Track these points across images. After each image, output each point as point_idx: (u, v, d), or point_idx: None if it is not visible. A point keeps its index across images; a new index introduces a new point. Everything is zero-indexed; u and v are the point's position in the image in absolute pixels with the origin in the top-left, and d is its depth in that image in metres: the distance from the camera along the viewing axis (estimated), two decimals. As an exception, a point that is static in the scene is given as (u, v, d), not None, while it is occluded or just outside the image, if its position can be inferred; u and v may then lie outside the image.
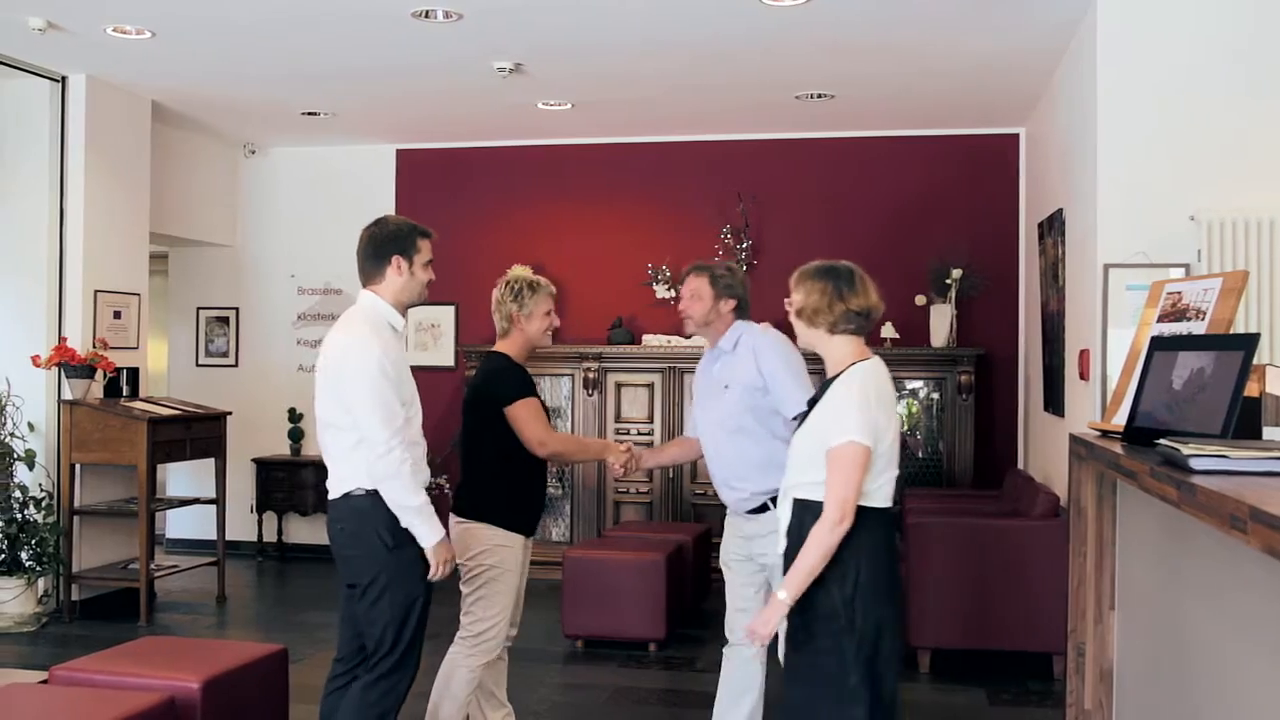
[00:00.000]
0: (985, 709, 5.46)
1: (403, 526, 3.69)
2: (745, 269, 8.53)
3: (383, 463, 3.60)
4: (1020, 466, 8.18)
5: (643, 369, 8.54)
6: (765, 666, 4.31)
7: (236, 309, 9.65)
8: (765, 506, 4.15)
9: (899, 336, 8.19)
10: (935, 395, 8.19)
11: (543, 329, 4.42)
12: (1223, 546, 2.75)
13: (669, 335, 8.59)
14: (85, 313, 7.33)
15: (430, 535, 3.72)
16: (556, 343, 8.86)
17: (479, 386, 4.34)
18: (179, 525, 9.50)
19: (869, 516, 3.20)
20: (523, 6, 5.83)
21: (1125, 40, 5.40)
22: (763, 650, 4.29)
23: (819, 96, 7.53)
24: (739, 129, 8.64)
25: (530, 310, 4.37)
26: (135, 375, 7.61)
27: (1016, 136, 8.44)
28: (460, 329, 9.17)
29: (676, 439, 4.89)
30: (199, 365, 9.67)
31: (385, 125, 8.72)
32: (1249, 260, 5.10)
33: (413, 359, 8.53)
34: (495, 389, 4.27)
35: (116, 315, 7.59)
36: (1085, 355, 5.70)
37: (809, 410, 3.39)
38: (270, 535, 9.44)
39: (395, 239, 3.82)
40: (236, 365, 9.62)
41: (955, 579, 5.91)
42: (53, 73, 7.22)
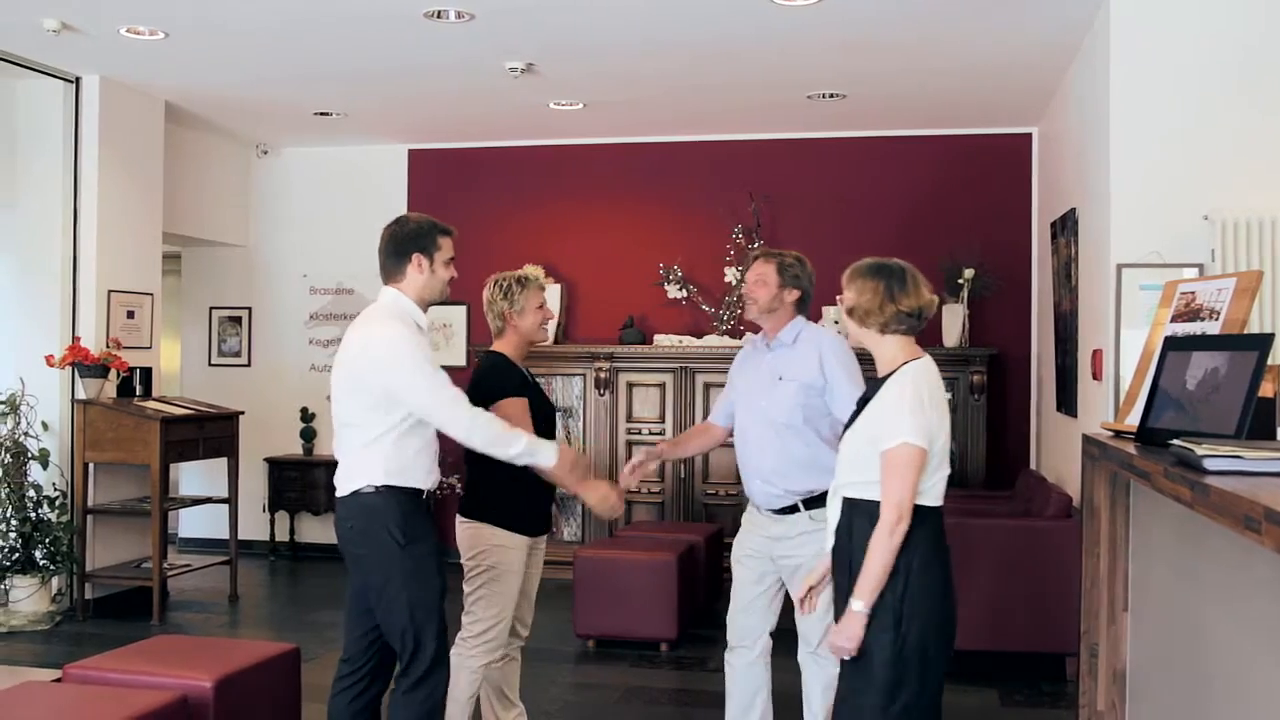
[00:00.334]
0: (997, 710, 5.45)
1: (413, 523, 3.66)
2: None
3: (469, 435, 3.68)
4: (1033, 467, 8.16)
5: (654, 369, 8.54)
6: (770, 665, 4.29)
7: (249, 309, 9.67)
8: (795, 507, 4.12)
9: (911, 336, 8.16)
10: (948, 395, 8.16)
11: (537, 323, 4.36)
12: (1236, 547, 2.74)
13: (681, 335, 8.59)
14: (99, 312, 7.35)
15: (550, 457, 3.84)
16: (568, 342, 8.87)
17: (474, 385, 4.27)
18: (191, 524, 9.53)
19: (921, 515, 3.19)
20: (534, 7, 5.83)
21: (1138, 39, 5.38)
22: (767, 650, 4.28)
23: (831, 96, 7.52)
24: (751, 129, 8.63)
25: (522, 306, 4.32)
26: (148, 375, 7.63)
27: (1029, 136, 8.42)
28: (472, 329, 9.17)
29: (698, 426, 4.76)
30: (211, 365, 9.70)
31: (397, 125, 8.73)
32: (1263, 260, 5.07)
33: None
34: (487, 386, 4.23)
35: (130, 315, 7.62)
36: (1098, 355, 5.69)
37: (858, 409, 3.38)
38: (282, 534, 9.47)
39: (416, 237, 3.81)
40: (249, 365, 9.65)
41: (967, 579, 5.87)
42: (66, 73, 7.25)
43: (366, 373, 3.65)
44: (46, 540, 6.95)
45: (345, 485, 3.72)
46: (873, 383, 3.39)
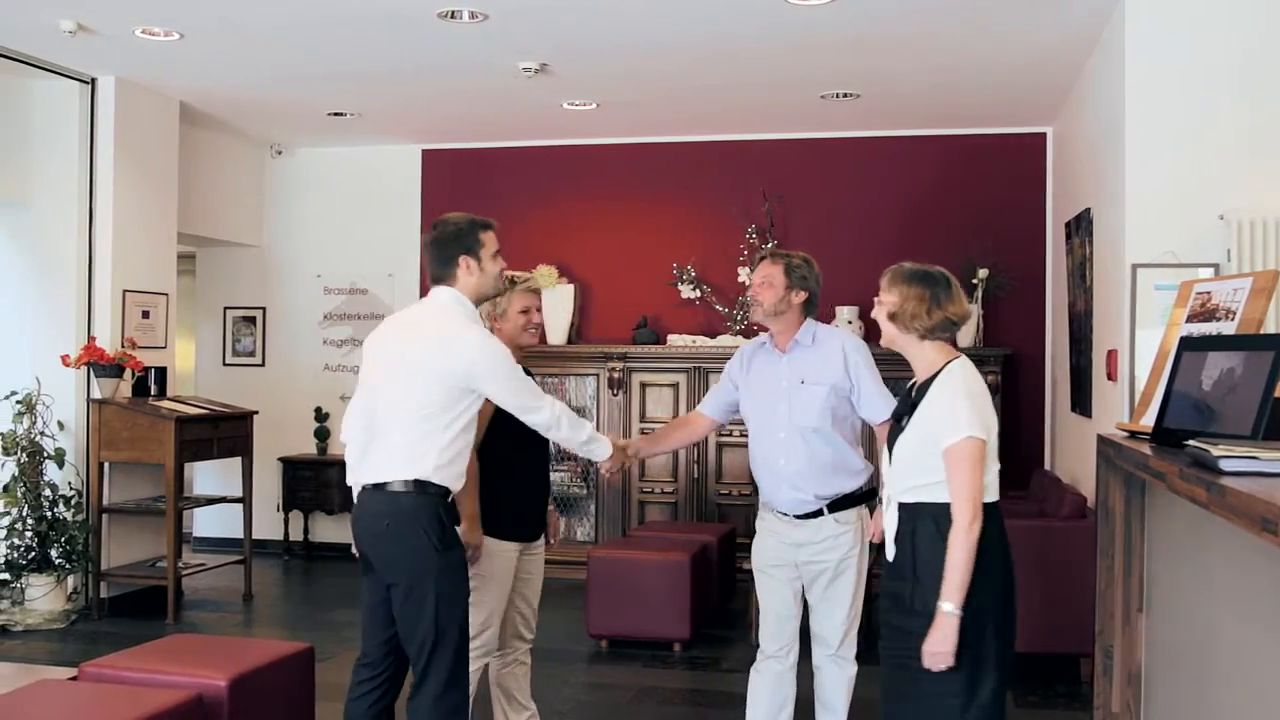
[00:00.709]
0: (1011, 711, 5.43)
1: (448, 527, 3.60)
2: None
3: (556, 424, 3.73)
4: (1047, 467, 8.13)
5: (668, 369, 8.53)
6: (796, 675, 4.28)
7: (263, 309, 9.70)
8: (820, 511, 4.09)
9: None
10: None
11: (519, 327, 4.23)
12: (1253, 549, 2.73)
13: (694, 335, 8.59)
14: (114, 312, 7.38)
15: (605, 451, 3.95)
16: (581, 342, 8.88)
17: None
18: (206, 524, 9.56)
19: (984, 511, 3.20)
20: (548, 7, 5.83)
21: (1153, 38, 5.36)
22: (796, 659, 4.25)
23: (844, 96, 7.50)
24: (764, 129, 8.63)
25: (504, 309, 4.22)
26: (163, 374, 7.65)
27: (1044, 135, 8.40)
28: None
29: (679, 419, 4.57)
30: (226, 365, 9.73)
31: (411, 126, 8.75)
32: (1279, 260, 5.05)
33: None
34: None
35: (145, 315, 7.64)
36: (1113, 355, 5.67)
37: (903, 415, 3.36)
38: (296, 534, 9.49)
39: (457, 239, 3.80)
40: (263, 365, 9.67)
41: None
42: (82, 74, 7.28)
43: (444, 369, 3.59)
44: (62, 539, 6.98)
45: (373, 474, 3.63)
46: (898, 387, 3.37)
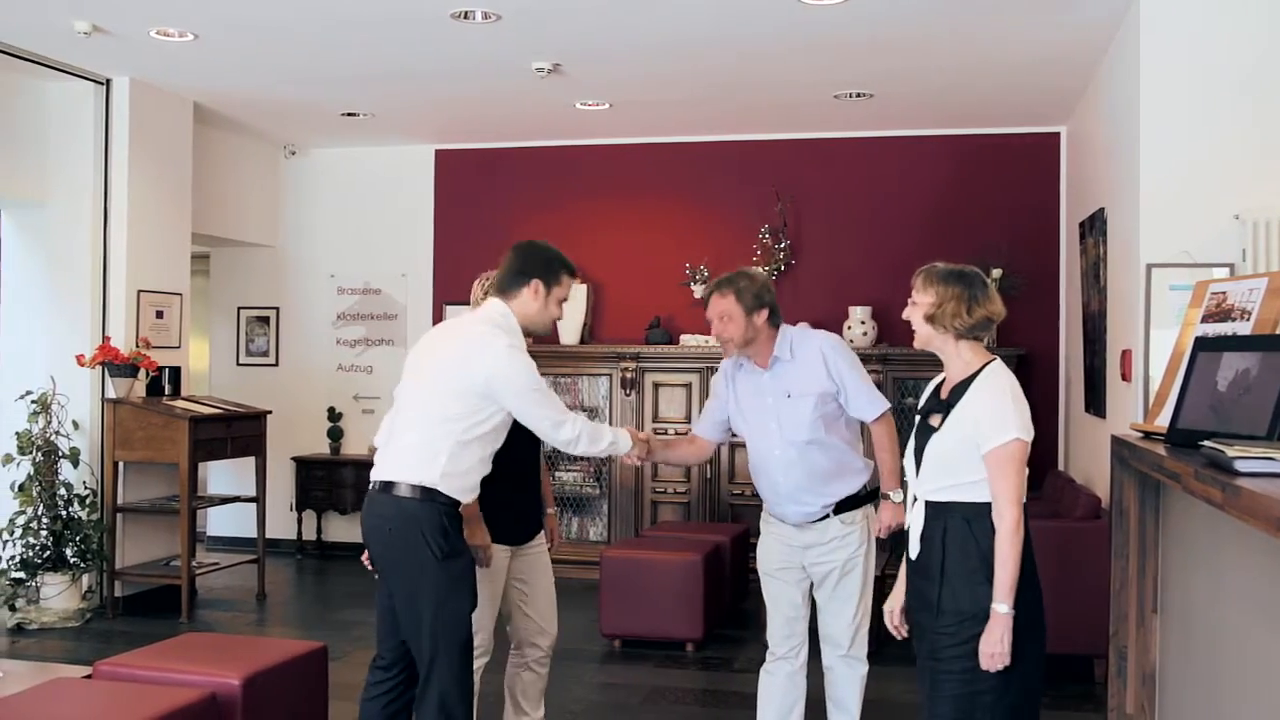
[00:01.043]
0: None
1: (453, 535, 3.58)
2: (783, 269, 8.53)
3: (569, 440, 3.71)
4: (1061, 468, 8.11)
5: (680, 369, 8.53)
6: (806, 675, 4.27)
7: (277, 309, 9.73)
8: (825, 515, 4.08)
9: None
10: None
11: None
12: (1268, 549, 2.72)
13: (707, 335, 8.57)
14: (128, 312, 7.41)
15: (625, 443, 3.89)
16: (594, 342, 8.88)
17: None
18: (220, 523, 9.58)
19: None
20: (561, 7, 5.83)
21: (1168, 37, 5.34)
22: (806, 660, 4.25)
23: (858, 96, 7.49)
24: (777, 129, 8.62)
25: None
26: (177, 374, 7.68)
27: (1058, 135, 8.37)
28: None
29: (686, 437, 4.50)
30: (239, 364, 9.75)
31: (424, 126, 8.76)
32: (1295, 260, 5.03)
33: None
34: None
35: (159, 315, 7.67)
36: (1127, 356, 5.65)
37: (927, 413, 3.36)
38: (310, 533, 9.51)
39: (544, 263, 3.78)
40: (277, 365, 9.70)
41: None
42: (97, 75, 7.31)
43: (464, 376, 3.59)
44: (77, 538, 7.01)
45: (387, 472, 3.64)
46: (945, 387, 3.36)
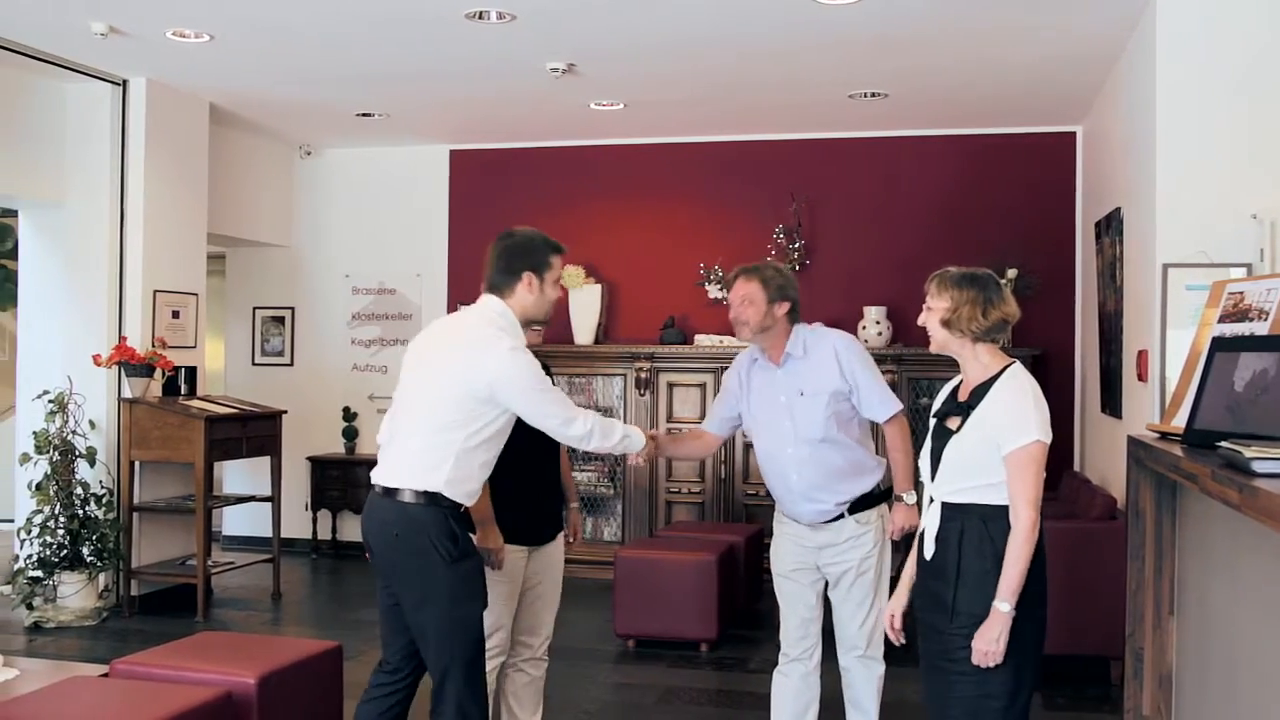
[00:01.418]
0: (1040, 714, 5.40)
1: (461, 537, 3.55)
2: (798, 269, 8.51)
3: (580, 437, 3.66)
4: (1076, 468, 8.08)
5: (695, 369, 8.53)
6: (820, 676, 4.26)
7: (292, 309, 9.75)
8: (839, 514, 4.08)
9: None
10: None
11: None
12: (1286, 551, 2.70)
13: (721, 335, 8.57)
14: (144, 312, 7.44)
15: (639, 442, 3.85)
16: (608, 342, 8.88)
17: None
18: (235, 522, 9.62)
19: None
20: (575, 7, 5.84)
21: (1185, 35, 5.31)
22: (819, 661, 4.24)
23: (873, 95, 7.48)
24: (792, 129, 8.61)
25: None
26: (193, 374, 7.71)
27: (1073, 135, 8.35)
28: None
29: (693, 431, 4.50)
30: (255, 364, 9.78)
31: (439, 126, 8.78)
32: (1313, 259, 5.00)
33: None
34: None
35: (175, 315, 7.70)
36: (1143, 356, 5.62)
37: (944, 416, 3.35)
38: (325, 533, 9.54)
39: (529, 253, 3.71)
40: (292, 364, 9.73)
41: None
42: (114, 76, 7.34)
43: (465, 381, 3.53)
44: (94, 537, 7.04)
45: (389, 477, 3.59)
46: (961, 390, 3.35)
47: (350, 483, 9.31)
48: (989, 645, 3.12)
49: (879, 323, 8.18)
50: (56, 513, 6.99)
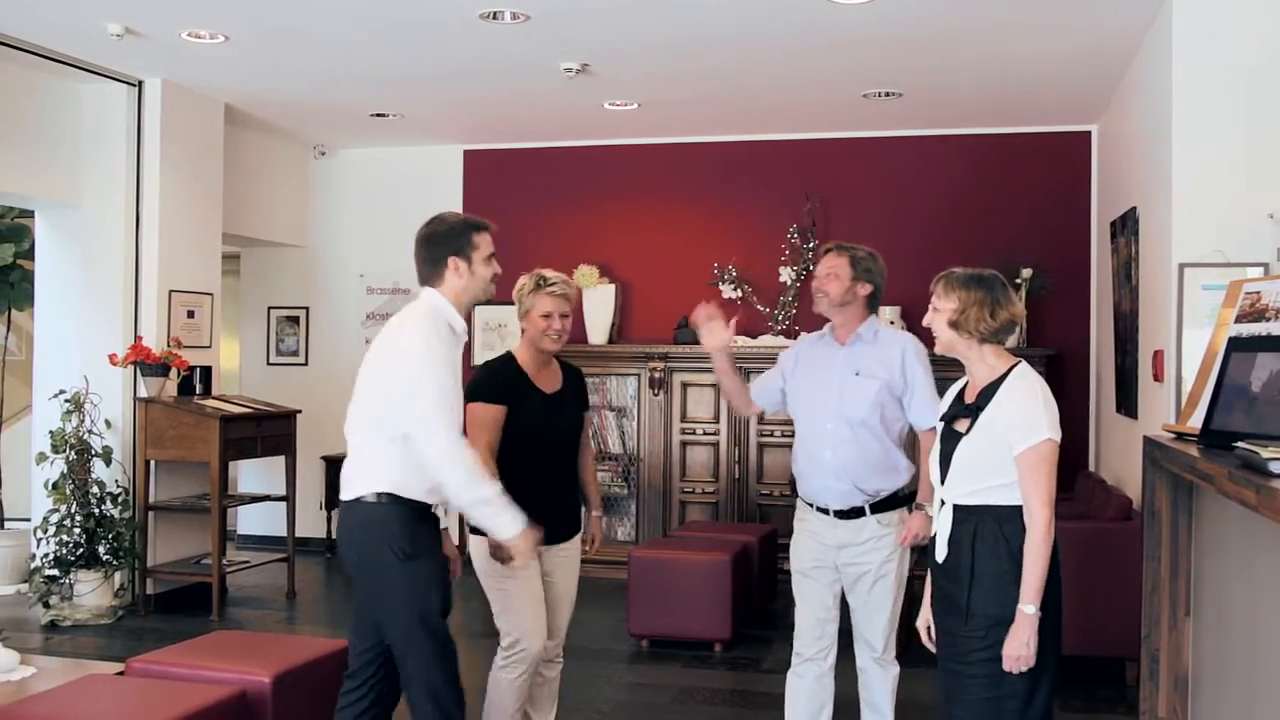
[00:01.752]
0: (1055, 715, 5.37)
1: (417, 537, 3.52)
2: (812, 269, 8.50)
3: (438, 453, 3.44)
4: (1091, 468, 8.05)
5: (709, 369, 8.46)
6: (834, 674, 4.26)
7: (306, 308, 9.78)
8: (862, 510, 4.07)
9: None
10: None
11: (540, 330, 4.17)
12: (1303, 552, 2.69)
13: (735, 335, 8.55)
14: (160, 312, 7.47)
15: (509, 527, 3.56)
16: (622, 342, 8.88)
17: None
18: (250, 521, 9.65)
19: None
20: (589, 7, 5.84)
21: (1201, 34, 5.29)
22: (834, 662, 4.23)
23: (887, 95, 7.46)
24: (806, 128, 8.59)
25: (526, 309, 4.18)
26: (208, 374, 7.73)
27: (1089, 134, 8.32)
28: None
29: (747, 386, 4.50)
30: (270, 364, 9.81)
31: (453, 126, 8.79)
32: (1330, 259, 4.97)
33: (480, 359, 8.60)
34: (469, 385, 4.01)
35: (190, 315, 7.73)
36: (1159, 356, 5.60)
37: (951, 418, 3.35)
38: (339, 532, 9.54)
39: (448, 239, 3.70)
40: (306, 364, 9.75)
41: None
42: (129, 77, 7.36)
43: (388, 379, 3.54)
44: (109, 536, 7.07)
45: (349, 490, 3.59)
46: (968, 391, 3.35)
47: (364, 482, 9.30)
48: (1019, 650, 3.11)
49: (893, 323, 8.14)
50: (73, 512, 7.02)
